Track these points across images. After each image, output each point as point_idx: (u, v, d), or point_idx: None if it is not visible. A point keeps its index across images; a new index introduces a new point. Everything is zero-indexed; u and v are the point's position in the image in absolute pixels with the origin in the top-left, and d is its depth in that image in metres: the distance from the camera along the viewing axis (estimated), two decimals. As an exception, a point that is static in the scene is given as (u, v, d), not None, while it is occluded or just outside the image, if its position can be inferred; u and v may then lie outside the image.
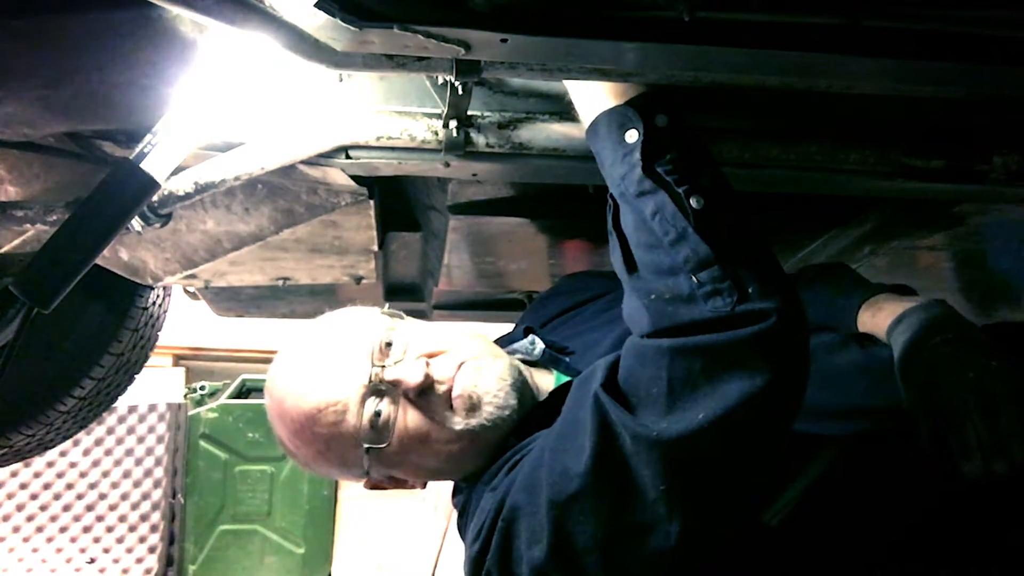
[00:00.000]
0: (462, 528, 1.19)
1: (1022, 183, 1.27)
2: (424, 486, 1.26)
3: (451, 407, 1.13)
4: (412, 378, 1.10)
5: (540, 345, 1.28)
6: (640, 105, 0.96)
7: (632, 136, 0.95)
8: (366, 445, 1.11)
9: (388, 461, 1.15)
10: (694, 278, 0.91)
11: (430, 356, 1.14)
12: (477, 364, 1.15)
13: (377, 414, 1.11)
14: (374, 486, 1.24)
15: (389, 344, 1.14)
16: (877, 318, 1.16)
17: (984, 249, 1.81)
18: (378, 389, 1.11)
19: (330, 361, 1.14)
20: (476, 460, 1.16)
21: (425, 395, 1.12)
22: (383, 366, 1.12)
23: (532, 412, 1.16)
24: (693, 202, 0.93)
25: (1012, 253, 1.85)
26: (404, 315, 1.22)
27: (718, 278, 0.91)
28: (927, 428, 1.04)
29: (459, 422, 1.12)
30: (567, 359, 1.28)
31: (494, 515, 1.04)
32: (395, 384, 1.11)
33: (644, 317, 0.95)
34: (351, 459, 1.15)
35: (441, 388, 1.13)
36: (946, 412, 1.02)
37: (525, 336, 1.31)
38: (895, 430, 1.09)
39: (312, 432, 1.13)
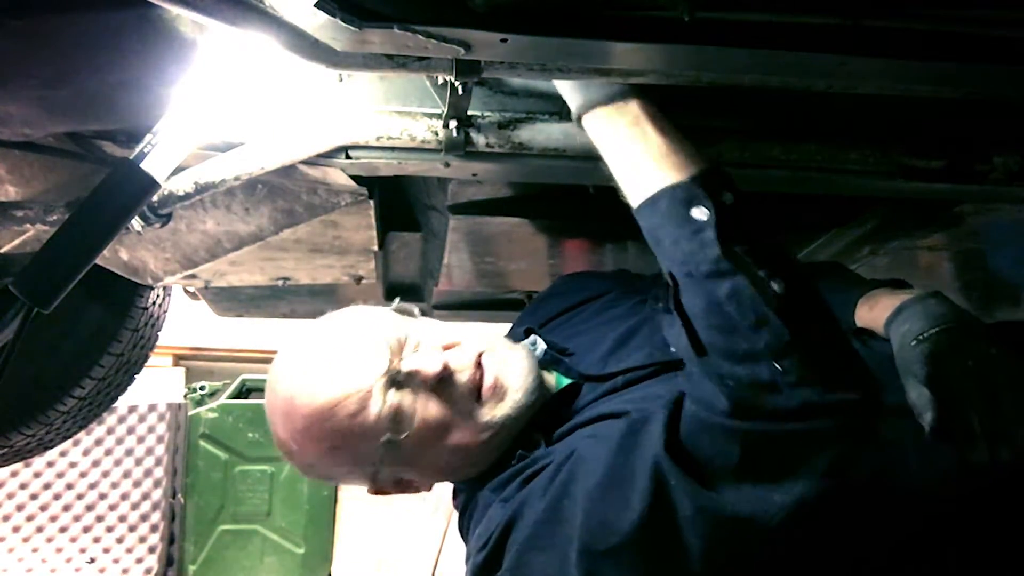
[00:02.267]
0: (463, 529, 1.19)
1: (1022, 183, 1.27)
2: (430, 488, 1.25)
3: (475, 398, 1.12)
4: (431, 367, 1.09)
5: (542, 345, 1.28)
6: (705, 183, 0.95)
7: (701, 214, 0.94)
8: (387, 436, 1.08)
9: (402, 457, 1.12)
10: (776, 365, 0.89)
11: (446, 348, 1.14)
12: (497, 354, 1.15)
13: (398, 404, 1.09)
14: (378, 490, 1.22)
15: (405, 338, 1.13)
16: (874, 312, 1.16)
17: (984, 249, 1.81)
18: (396, 380, 1.10)
19: (348, 353, 1.11)
20: (489, 457, 1.15)
21: (444, 386, 1.11)
22: (401, 357, 1.11)
23: (537, 414, 1.16)
24: (775, 286, 0.91)
25: (1012, 253, 1.85)
26: (416, 310, 1.21)
27: (803, 366, 0.89)
28: (930, 418, 1.04)
29: (485, 413, 1.11)
30: (567, 360, 1.28)
31: (503, 528, 1.04)
32: (413, 375, 1.10)
33: (719, 399, 0.93)
34: (364, 454, 1.12)
35: (461, 378, 1.12)
36: (948, 401, 1.02)
37: (526, 336, 1.31)
38: (898, 427, 1.08)
39: (326, 427, 1.10)
